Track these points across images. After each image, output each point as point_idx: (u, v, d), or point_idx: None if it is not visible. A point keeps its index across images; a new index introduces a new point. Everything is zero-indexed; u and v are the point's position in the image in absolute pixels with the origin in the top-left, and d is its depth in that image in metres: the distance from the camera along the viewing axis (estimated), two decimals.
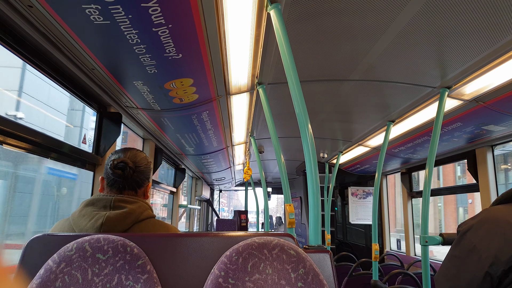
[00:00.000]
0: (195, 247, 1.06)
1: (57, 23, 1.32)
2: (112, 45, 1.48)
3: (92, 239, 0.99)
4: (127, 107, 2.33)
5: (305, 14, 1.60)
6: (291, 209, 1.96)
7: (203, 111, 2.52)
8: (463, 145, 3.31)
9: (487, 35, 1.65)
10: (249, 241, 1.00)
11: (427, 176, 2.40)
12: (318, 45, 1.89)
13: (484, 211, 1.21)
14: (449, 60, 1.95)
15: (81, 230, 1.14)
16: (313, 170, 1.28)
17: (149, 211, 1.24)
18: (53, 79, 1.70)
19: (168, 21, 1.34)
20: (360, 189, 5.74)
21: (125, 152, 1.30)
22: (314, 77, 2.33)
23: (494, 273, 1.05)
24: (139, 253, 0.99)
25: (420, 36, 1.73)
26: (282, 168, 2.13)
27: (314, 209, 1.27)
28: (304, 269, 0.97)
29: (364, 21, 1.64)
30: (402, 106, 2.75)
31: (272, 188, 10.68)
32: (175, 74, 1.81)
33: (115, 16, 1.27)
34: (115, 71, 1.76)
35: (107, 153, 2.21)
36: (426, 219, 2.37)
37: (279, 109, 3.00)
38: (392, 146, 3.80)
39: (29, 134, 1.50)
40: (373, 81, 2.34)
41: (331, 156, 5.23)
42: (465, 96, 2.37)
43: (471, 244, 1.13)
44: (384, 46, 1.85)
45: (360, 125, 3.52)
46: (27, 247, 1.03)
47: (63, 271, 0.94)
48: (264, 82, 2.29)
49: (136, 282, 0.96)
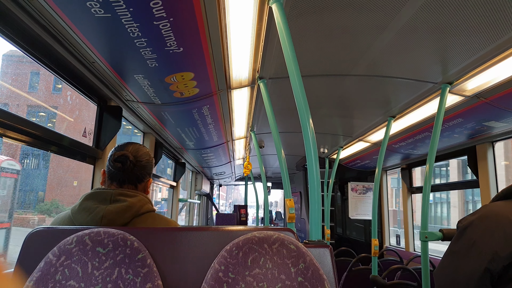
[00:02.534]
0: (195, 241, 1.06)
1: (57, 15, 1.32)
2: (113, 38, 1.47)
3: (92, 232, 0.99)
4: (127, 101, 2.32)
5: (306, 9, 1.59)
6: (291, 204, 1.96)
7: (204, 105, 2.51)
8: (463, 141, 3.30)
9: (489, 31, 1.64)
10: (250, 236, 1.01)
11: (428, 171, 2.40)
12: (319, 39, 1.88)
13: (484, 207, 1.21)
14: (450, 55, 1.94)
15: (81, 223, 1.14)
16: (314, 164, 1.28)
17: (149, 205, 1.24)
18: (54, 72, 1.69)
19: (169, 15, 1.33)
20: (360, 184, 5.74)
21: (127, 146, 1.30)
22: (315, 72, 2.32)
23: (493, 269, 1.05)
24: (139, 246, 1.00)
25: (422, 32, 1.72)
26: (283, 163, 2.13)
27: (315, 203, 1.27)
28: (304, 263, 0.98)
29: (366, 16, 1.63)
30: (403, 101, 2.75)
31: (272, 183, 10.70)
32: (176, 68, 1.80)
33: (116, 9, 1.26)
34: (116, 64, 1.76)
35: (107, 146, 2.20)
36: (426, 215, 2.37)
37: (280, 104, 2.99)
38: (392, 141, 3.80)
39: (29, 127, 1.50)
40: (375, 76, 2.33)
41: (332, 151, 5.22)
42: (467, 92, 2.36)
43: (471, 240, 1.13)
44: (386, 41, 1.84)
45: (361, 120, 3.51)
46: (27, 240, 1.04)
47: (63, 264, 0.95)
48: (265, 77, 2.28)
49: (136, 276, 0.96)
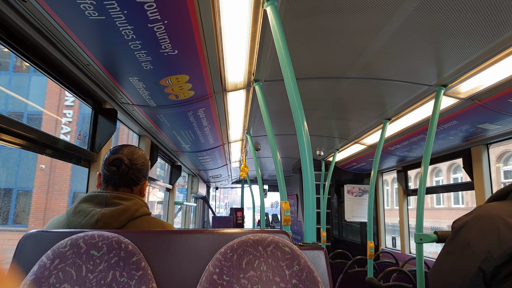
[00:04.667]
0: (190, 244, 1.06)
1: (51, 18, 1.31)
2: (108, 40, 1.47)
3: (86, 235, 0.98)
4: (122, 104, 2.32)
5: (301, 11, 1.59)
6: (286, 207, 1.96)
7: (199, 108, 2.51)
8: (458, 144, 3.32)
9: (484, 33, 1.66)
10: (244, 238, 1.00)
11: (423, 174, 2.40)
12: (315, 42, 1.89)
13: (478, 207, 1.21)
14: (445, 58, 1.96)
15: (76, 226, 1.13)
16: (309, 167, 1.28)
17: (144, 208, 1.24)
18: (48, 75, 1.68)
19: (163, 17, 1.33)
20: (356, 187, 5.76)
21: (122, 149, 1.29)
22: (311, 75, 2.33)
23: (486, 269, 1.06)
24: (134, 249, 0.99)
25: (417, 34, 1.74)
26: (278, 166, 2.13)
27: (310, 206, 1.27)
28: (298, 266, 0.98)
29: (360, 19, 1.64)
30: (398, 104, 2.76)
31: (269, 185, 10.70)
32: (171, 70, 1.80)
33: (110, 12, 1.26)
34: (111, 67, 1.75)
35: (102, 149, 2.20)
36: (421, 217, 2.38)
37: (276, 106, 3.00)
38: (388, 144, 3.81)
39: (24, 130, 1.49)
40: (370, 79, 2.34)
41: (328, 153, 5.23)
42: (461, 95, 2.38)
43: (465, 240, 1.13)
44: (381, 44, 1.85)
45: (357, 122, 3.52)
46: (21, 243, 1.03)
47: (57, 268, 0.94)
48: (260, 79, 2.28)
49: (131, 279, 0.95)
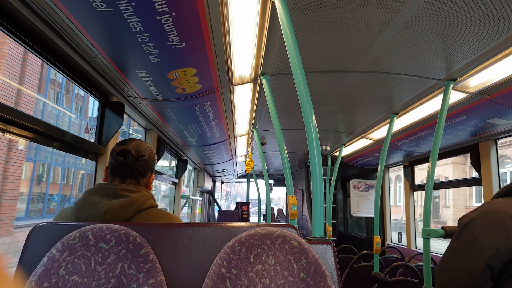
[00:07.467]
0: (198, 237, 1.06)
1: (59, 10, 1.31)
2: (115, 33, 1.47)
3: (95, 228, 0.99)
4: (129, 97, 2.32)
5: (310, 4, 1.57)
6: (293, 201, 1.96)
7: (206, 101, 2.50)
8: (466, 139, 3.29)
9: (494, 27, 1.63)
10: (252, 232, 1.00)
11: (430, 169, 2.38)
12: (323, 35, 1.87)
13: (485, 204, 1.21)
14: (454, 52, 1.93)
15: (84, 219, 1.14)
16: (317, 161, 1.27)
17: (151, 201, 1.25)
18: (55, 67, 1.68)
19: (171, 9, 1.32)
20: (362, 182, 5.73)
21: (129, 142, 1.31)
22: (318, 68, 2.31)
23: (494, 265, 1.05)
24: (142, 242, 0.99)
25: (426, 28, 1.71)
26: (285, 160, 2.12)
27: (318, 200, 1.26)
28: (306, 260, 0.97)
29: (369, 12, 1.61)
30: (406, 98, 2.73)
31: (274, 180, 10.72)
32: (178, 63, 1.79)
33: (118, 4, 1.25)
34: (118, 60, 1.75)
35: (109, 142, 2.20)
36: (428, 212, 2.36)
37: (283, 100, 2.98)
38: (395, 139, 3.78)
39: (31, 122, 1.50)
40: (378, 72, 2.31)
41: (334, 148, 5.21)
42: (470, 89, 2.35)
43: (472, 237, 1.13)
44: (389, 37, 1.83)
45: (364, 117, 3.50)
46: (30, 235, 1.04)
47: (66, 260, 0.95)
48: (267, 73, 2.27)
49: (139, 271, 0.96)
